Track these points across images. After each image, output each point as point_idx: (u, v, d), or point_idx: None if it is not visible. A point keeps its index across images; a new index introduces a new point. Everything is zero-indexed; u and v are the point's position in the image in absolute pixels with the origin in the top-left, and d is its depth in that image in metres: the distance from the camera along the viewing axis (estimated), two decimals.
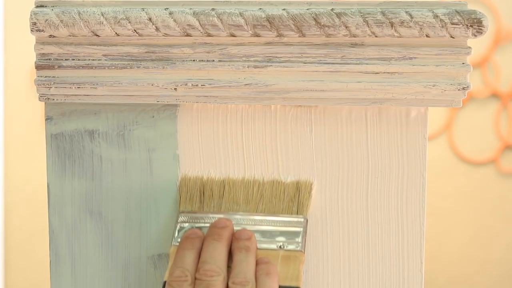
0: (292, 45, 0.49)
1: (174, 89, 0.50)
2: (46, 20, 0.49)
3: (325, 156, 0.52)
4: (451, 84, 0.49)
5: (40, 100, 0.51)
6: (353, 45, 0.49)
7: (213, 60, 0.49)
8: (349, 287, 0.52)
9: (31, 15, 0.49)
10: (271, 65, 0.49)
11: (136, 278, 0.52)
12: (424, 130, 0.52)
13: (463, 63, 0.49)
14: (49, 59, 0.50)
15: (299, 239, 0.48)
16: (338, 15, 0.48)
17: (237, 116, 0.52)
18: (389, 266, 0.52)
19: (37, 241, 1.88)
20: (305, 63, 0.49)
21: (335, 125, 0.52)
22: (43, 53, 0.50)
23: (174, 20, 0.48)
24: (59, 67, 0.50)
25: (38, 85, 0.50)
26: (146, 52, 0.50)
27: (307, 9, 0.48)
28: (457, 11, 0.47)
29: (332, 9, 0.48)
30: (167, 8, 0.48)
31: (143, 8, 0.49)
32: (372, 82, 0.49)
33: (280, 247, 0.48)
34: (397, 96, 0.49)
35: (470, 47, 0.49)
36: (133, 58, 0.50)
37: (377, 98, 0.49)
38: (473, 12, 0.47)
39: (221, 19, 0.48)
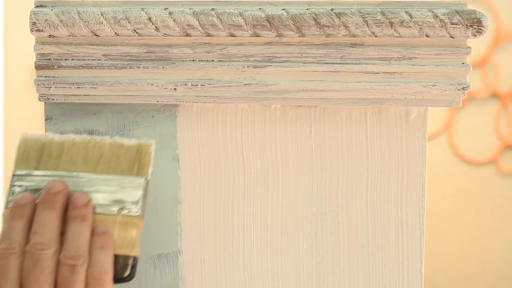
0: (291, 45, 0.49)
1: (174, 89, 0.50)
2: (46, 20, 0.49)
3: (325, 156, 0.52)
4: (451, 84, 0.49)
5: (40, 100, 0.51)
6: (353, 45, 0.49)
7: (213, 60, 0.49)
8: (349, 287, 0.52)
9: (31, 15, 0.49)
10: (271, 65, 0.49)
11: (136, 278, 0.52)
12: (424, 130, 0.52)
13: (463, 63, 0.49)
14: (49, 59, 0.50)
15: (138, 203, 0.45)
16: (338, 15, 0.48)
17: (237, 116, 0.52)
18: (389, 266, 0.52)
19: None
20: (305, 63, 0.49)
21: (335, 125, 0.52)
22: (43, 53, 0.50)
23: (174, 20, 0.48)
24: (59, 67, 0.50)
25: (38, 85, 0.50)
26: (145, 52, 0.50)
27: (307, 9, 0.48)
28: (456, 11, 0.47)
29: (331, 9, 0.48)
30: (167, 8, 0.48)
31: (142, 8, 0.49)
32: (372, 82, 0.49)
33: (118, 211, 0.45)
34: (397, 96, 0.49)
35: (470, 47, 0.49)
36: (132, 58, 0.50)
37: (377, 98, 0.49)
38: (472, 12, 0.47)
39: (220, 19, 0.48)
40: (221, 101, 0.50)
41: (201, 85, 0.50)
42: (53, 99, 0.51)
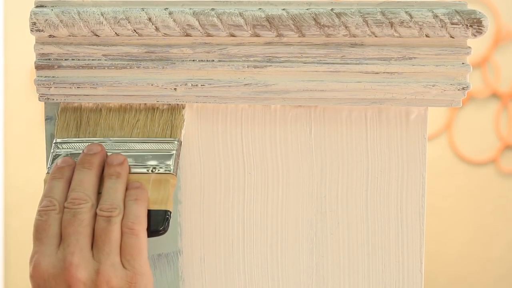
0: (292, 45, 0.49)
1: (174, 89, 0.50)
2: (46, 20, 0.49)
3: (325, 156, 0.52)
4: (451, 84, 0.49)
5: (40, 100, 0.51)
6: (353, 45, 0.49)
7: (213, 60, 0.49)
8: (349, 287, 0.52)
9: (31, 15, 0.49)
10: (271, 65, 0.49)
11: None
12: (424, 130, 0.52)
13: (463, 63, 0.49)
14: (49, 59, 0.50)
15: (171, 162, 0.48)
16: (338, 15, 0.48)
17: (237, 116, 0.52)
18: (389, 266, 0.52)
19: None
20: (305, 63, 0.49)
21: (335, 125, 0.52)
22: (43, 53, 0.50)
23: (174, 20, 0.48)
24: (59, 67, 0.50)
25: (38, 85, 0.50)
26: (146, 52, 0.50)
27: (307, 9, 0.48)
28: (457, 11, 0.47)
29: (331, 9, 0.48)
30: (167, 8, 0.48)
31: (142, 8, 0.49)
32: (372, 82, 0.49)
33: (152, 170, 0.48)
34: (397, 96, 0.49)
35: (470, 47, 0.49)
36: (133, 58, 0.50)
37: (377, 98, 0.49)
38: (472, 12, 0.47)
39: (220, 19, 0.48)
40: (221, 101, 0.50)
41: (201, 85, 0.50)
42: (53, 99, 0.51)
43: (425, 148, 0.52)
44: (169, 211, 0.46)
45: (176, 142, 0.49)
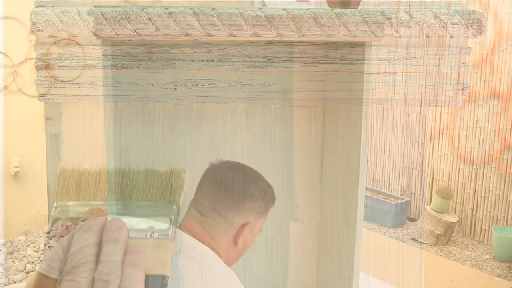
0: (292, 45, 0.49)
1: (174, 89, 0.50)
2: (46, 20, 0.49)
3: (325, 156, 0.52)
4: (451, 84, 0.49)
5: (40, 100, 0.51)
6: (353, 45, 0.49)
7: (213, 60, 0.49)
8: (349, 286, 0.52)
9: (31, 15, 0.49)
10: (271, 65, 0.49)
11: None
12: (424, 130, 0.52)
13: (463, 63, 0.49)
14: (49, 59, 0.50)
15: (169, 227, 0.49)
16: (338, 15, 0.48)
17: (237, 116, 0.52)
18: (389, 266, 0.52)
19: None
20: (305, 63, 0.49)
21: (335, 125, 0.52)
22: (43, 53, 0.50)
23: (174, 20, 0.48)
24: (59, 67, 0.50)
25: (38, 85, 0.50)
26: (146, 52, 0.50)
27: (307, 9, 0.48)
28: (457, 11, 0.47)
29: (332, 9, 0.48)
30: (167, 8, 0.48)
31: (143, 8, 0.49)
32: (372, 82, 0.49)
33: (150, 235, 0.48)
34: (397, 96, 0.49)
35: (470, 47, 0.49)
36: (133, 58, 0.50)
37: (377, 98, 0.49)
38: (472, 12, 0.47)
39: (221, 19, 0.48)
40: (221, 101, 0.50)
41: (201, 85, 0.50)
42: (53, 99, 0.51)
43: (425, 148, 0.52)
44: (166, 276, 0.47)
45: (174, 207, 0.50)
